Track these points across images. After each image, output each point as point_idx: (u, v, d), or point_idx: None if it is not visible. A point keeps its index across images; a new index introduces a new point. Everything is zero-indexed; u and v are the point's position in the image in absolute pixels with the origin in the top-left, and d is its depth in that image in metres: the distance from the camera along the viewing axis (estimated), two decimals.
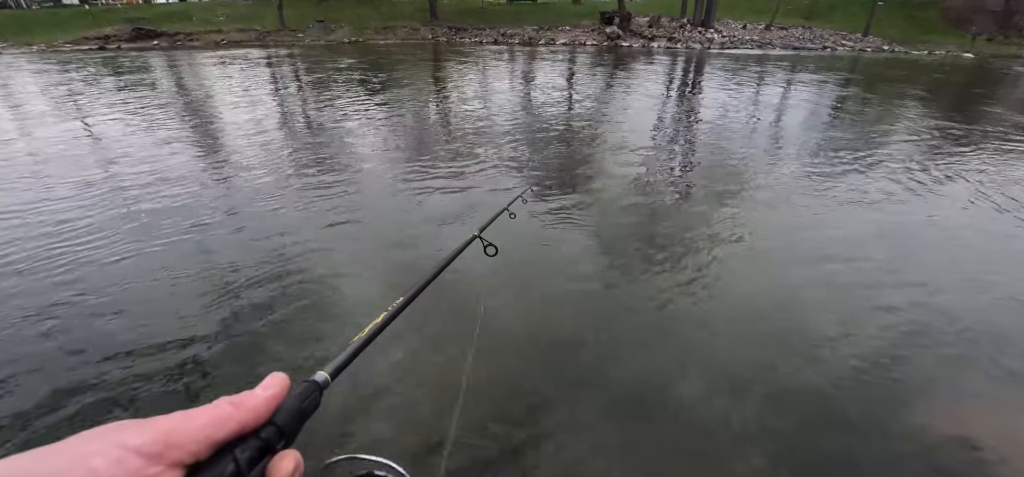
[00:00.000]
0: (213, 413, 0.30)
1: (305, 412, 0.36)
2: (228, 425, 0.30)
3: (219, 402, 0.31)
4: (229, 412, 0.30)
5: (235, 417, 0.30)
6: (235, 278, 3.10)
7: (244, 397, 0.32)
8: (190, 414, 0.29)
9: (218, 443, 0.29)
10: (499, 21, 29.88)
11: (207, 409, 0.30)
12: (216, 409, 0.30)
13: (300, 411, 0.35)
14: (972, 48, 24.41)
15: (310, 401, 0.37)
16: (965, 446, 1.99)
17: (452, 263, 0.88)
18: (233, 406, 0.31)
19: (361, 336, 0.50)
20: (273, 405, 0.33)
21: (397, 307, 0.61)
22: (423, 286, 0.70)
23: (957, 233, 3.89)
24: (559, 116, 8.10)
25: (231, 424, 0.30)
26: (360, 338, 0.50)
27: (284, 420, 0.33)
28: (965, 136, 6.99)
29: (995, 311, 2.85)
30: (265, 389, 0.33)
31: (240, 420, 0.30)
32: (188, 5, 34.05)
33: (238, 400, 0.31)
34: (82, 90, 10.32)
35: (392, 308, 0.60)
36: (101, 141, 6.30)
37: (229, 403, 0.31)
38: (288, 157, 5.69)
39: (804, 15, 31.44)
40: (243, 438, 0.31)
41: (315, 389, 0.38)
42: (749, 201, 4.48)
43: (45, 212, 4.05)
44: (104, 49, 21.30)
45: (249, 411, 0.31)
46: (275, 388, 0.33)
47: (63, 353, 2.43)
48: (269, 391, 0.33)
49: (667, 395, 2.23)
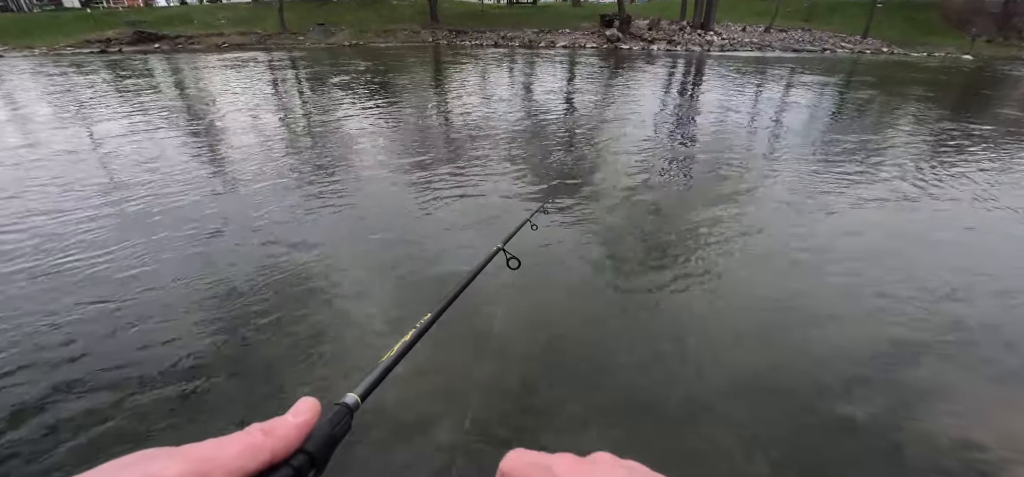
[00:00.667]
0: (245, 442, 0.29)
1: (336, 438, 0.35)
2: (261, 455, 0.29)
3: (251, 430, 0.30)
4: (261, 440, 0.30)
5: (267, 446, 0.30)
6: (240, 288, 3.11)
7: (275, 424, 0.31)
8: (222, 443, 0.28)
9: (249, 473, 0.28)
10: (499, 24, 29.95)
11: (239, 437, 0.29)
12: (248, 437, 0.30)
13: (331, 436, 0.34)
14: (972, 49, 24.46)
15: (341, 426, 0.36)
16: (972, 448, 1.99)
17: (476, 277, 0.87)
18: (264, 434, 0.30)
19: (390, 355, 0.49)
20: (304, 432, 0.32)
21: (425, 324, 0.60)
22: (450, 301, 0.70)
23: (966, 233, 3.91)
24: (564, 119, 8.13)
25: (264, 454, 0.29)
26: (390, 357, 0.49)
27: (315, 447, 0.32)
28: (971, 137, 7.00)
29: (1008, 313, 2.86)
30: (296, 415, 0.32)
31: (272, 449, 0.30)
32: (189, 8, 34.17)
33: (269, 427, 0.31)
34: (83, 93, 10.36)
35: (420, 325, 0.59)
36: (103, 146, 6.32)
37: (260, 431, 0.30)
38: (296, 163, 5.70)
39: (803, 17, 31.52)
40: (275, 467, 0.30)
41: (346, 413, 0.37)
42: (767, 207, 4.45)
43: (55, 219, 4.07)
44: (106, 52, 21.35)
45: (280, 439, 0.31)
46: (306, 414, 0.33)
47: (86, 360, 2.45)
48: (300, 418, 0.32)
49: (677, 399, 2.24)
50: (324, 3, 32.93)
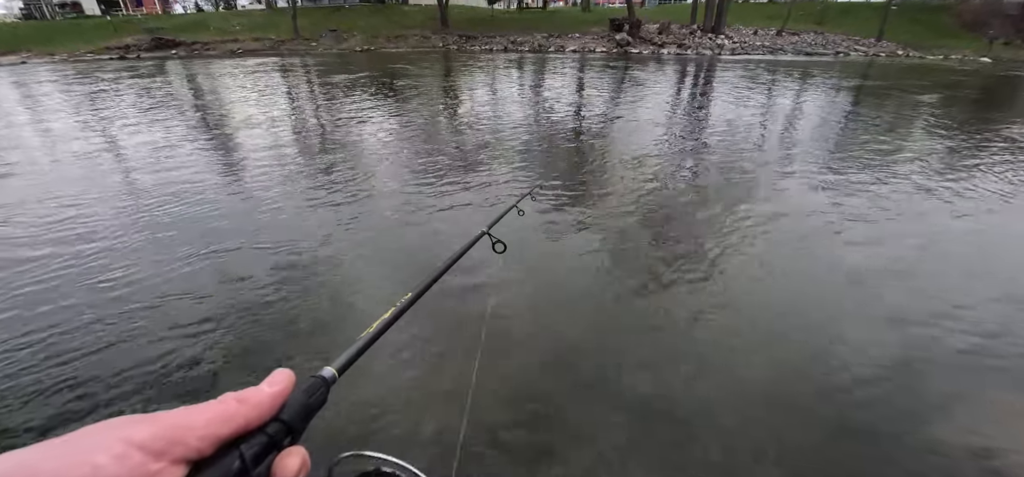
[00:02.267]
0: (218, 409, 0.30)
1: (312, 408, 0.35)
2: (233, 422, 0.30)
3: (225, 397, 0.31)
4: (234, 408, 0.30)
5: (240, 413, 0.30)
6: (250, 283, 3.17)
7: (250, 393, 0.32)
8: (195, 409, 0.29)
9: (223, 439, 0.29)
10: (509, 29, 30.10)
11: (212, 405, 0.30)
12: (221, 405, 0.30)
13: (306, 407, 0.35)
14: (989, 52, 24.02)
15: (317, 397, 0.36)
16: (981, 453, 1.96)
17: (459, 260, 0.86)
18: (238, 402, 0.31)
19: (369, 331, 0.50)
20: (279, 401, 0.33)
21: (405, 303, 0.60)
22: (431, 282, 0.70)
23: (986, 239, 3.84)
24: (574, 121, 8.15)
25: (236, 420, 0.30)
26: (368, 333, 0.50)
27: (290, 416, 0.33)
28: (991, 144, 6.88)
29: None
30: (271, 385, 0.33)
31: (246, 416, 0.30)
32: (205, 15, 34.83)
33: (243, 396, 0.31)
34: (104, 98, 10.61)
35: (400, 304, 0.59)
36: (120, 149, 6.48)
37: (235, 399, 0.31)
38: (309, 163, 5.79)
39: (816, 20, 31.23)
40: (250, 434, 0.30)
41: (322, 385, 0.38)
42: (765, 206, 4.44)
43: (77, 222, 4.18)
44: (124, 58, 21.85)
45: (254, 407, 0.31)
46: (281, 384, 0.33)
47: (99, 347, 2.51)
48: (275, 387, 0.33)
49: (679, 405, 2.23)
50: (336, 9, 33.41)
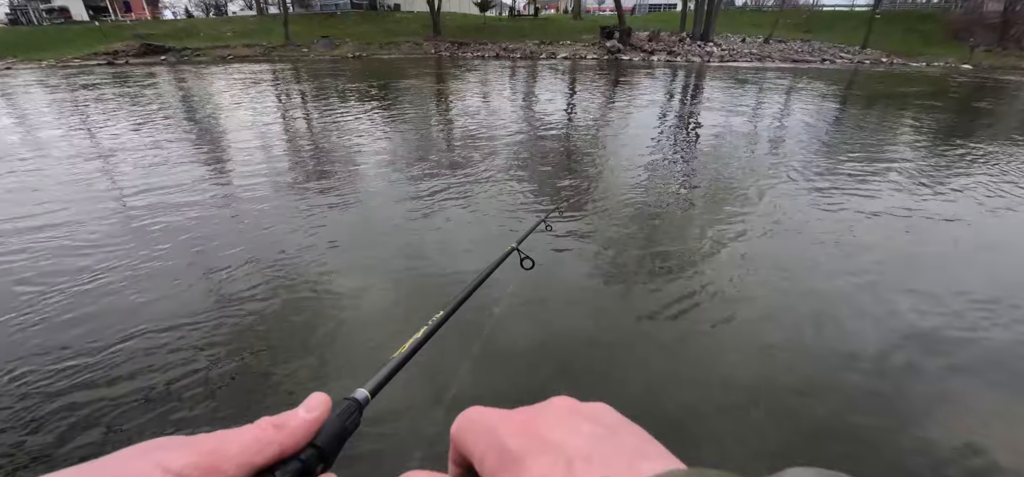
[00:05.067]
0: (255, 434, 0.29)
1: (346, 432, 0.35)
2: (270, 449, 0.29)
3: (261, 423, 0.30)
4: (271, 434, 0.30)
5: (277, 440, 0.30)
6: (250, 295, 3.14)
7: (287, 418, 0.31)
8: (232, 435, 0.29)
9: (258, 467, 0.29)
10: (501, 36, 30.30)
11: (250, 430, 0.30)
12: (259, 430, 0.30)
13: (341, 431, 0.34)
14: (971, 60, 24.56)
15: (351, 421, 0.36)
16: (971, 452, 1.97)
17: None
18: (276, 428, 0.30)
19: (402, 352, 0.49)
20: (315, 427, 0.32)
21: (437, 321, 0.59)
22: (463, 299, 0.69)
23: (969, 239, 3.91)
24: (567, 129, 8.19)
25: (273, 447, 0.29)
26: (401, 353, 0.49)
27: (325, 441, 0.33)
28: (978, 147, 7.01)
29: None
30: (308, 410, 0.33)
31: (281, 443, 0.30)
32: (195, 21, 34.71)
33: (281, 421, 0.31)
34: (89, 105, 10.51)
35: (432, 322, 0.58)
36: (106, 154, 6.40)
37: (272, 425, 0.31)
38: (305, 173, 5.76)
39: (803, 28, 31.78)
40: (284, 460, 0.30)
41: (356, 408, 0.37)
42: (765, 219, 4.43)
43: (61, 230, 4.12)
44: (113, 64, 21.68)
45: (291, 434, 0.31)
46: (318, 409, 0.33)
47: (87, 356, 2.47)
48: (312, 413, 0.33)
49: (677, 407, 2.23)
50: (328, 16, 33.47)
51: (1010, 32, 27.12)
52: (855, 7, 36.23)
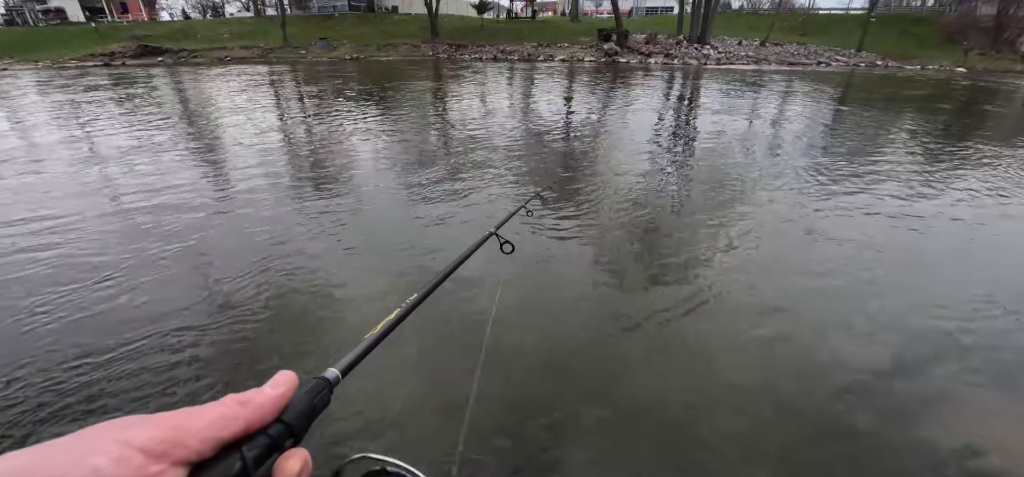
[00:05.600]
0: (220, 411, 0.29)
1: (314, 410, 0.35)
2: (235, 424, 0.29)
3: (226, 399, 0.31)
4: (236, 411, 0.30)
5: (242, 416, 0.30)
6: (239, 297, 3.14)
7: (252, 395, 0.32)
8: (196, 411, 0.29)
9: (224, 441, 0.29)
10: (498, 39, 30.36)
11: (214, 406, 0.30)
12: (223, 407, 0.30)
13: (309, 408, 0.34)
14: (965, 63, 24.76)
15: (320, 399, 0.36)
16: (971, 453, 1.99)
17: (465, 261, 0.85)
18: (240, 404, 0.30)
19: (373, 333, 0.49)
20: (281, 404, 0.32)
21: (411, 304, 0.59)
22: (437, 283, 0.69)
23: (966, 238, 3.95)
24: (563, 128, 8.21)
25: (238, 423, 0.29)
26: (372, 335, 0.49)
27: (293, 417, 0.33)
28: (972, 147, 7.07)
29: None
30: (274, 387, 0.33)
31: (247, 419, 0.30)
32: (192, 23, 34.66)
33: (246, 398, 0.31)
34: (85, 107, 10.48)
35: (406, 305, 0.58)
36: (101, 158, 6.39)
37: (236, 401, 0.31)
38: (301, 170, 5.77)
39: (799, 32, 31.99)
40: (251, 436, 0.30)
41: (325, 386, 0.37)
42: (756, 213, 4.47)
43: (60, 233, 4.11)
44: (110, 65, 21.62)
45: (256, 409, 0.31)
46: (284, 386, 0.33)
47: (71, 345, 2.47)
48: (278, 389, 0.33)
49: (672, 409, 2.25)
50: (326, 18, 33.47)
51: (1003, 35, 27.37)
52: (850, 10, 36.52)
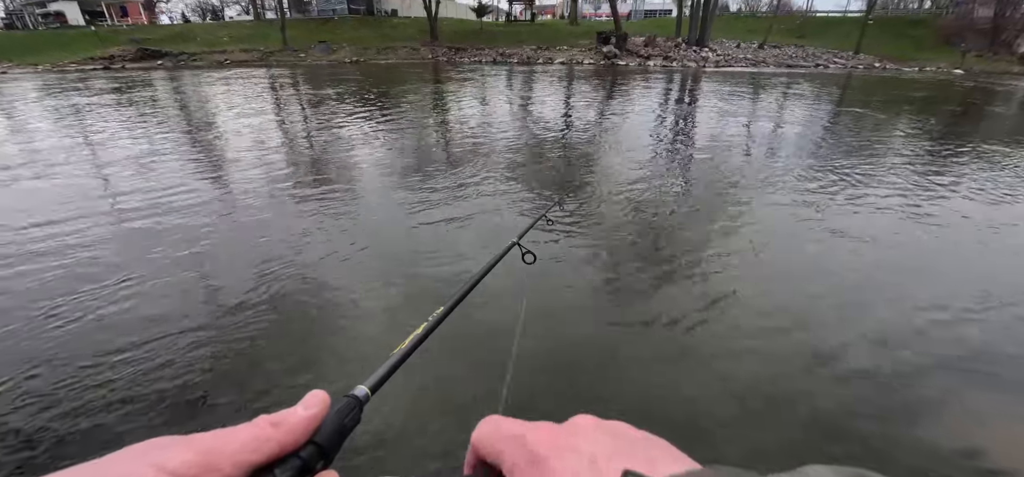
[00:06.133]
0: (253, 433, 0.29)
1: (345, 429, 0.35)
2: (267, 446, 0.29)
3: (259, 421, 0.30)
4: (269, 432, 0.30)
5: (275, 438, 0.30)
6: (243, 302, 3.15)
7: (284, 416, 0.31)
8: (229, 434, 0.29)
9: (256, 465, 0.29)
10: (497, 42, 30.45)
11: (246, 428, 0.29)
12: (256, 429, 0.30)
13: (340, 428, 0.34)
14: (963, 64, 24.86)
15: (351, 418, 0.36)
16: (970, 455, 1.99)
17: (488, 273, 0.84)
18: (273, 426, 0.30)
19: (401, 348, 0.49)
20: (314, 425, 0.32)
21: (438, 317, 0.59)
22: (463, 295, 0.68)
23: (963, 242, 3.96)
24: (568, 132, 8.23)
25: (271, 445, 0.29)
26: (401, 349, 0.49)
27: (324, 438, 0.33)
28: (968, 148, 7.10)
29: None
30: (306, 408, 0.33)
31: (280, 441, 0.30)
32: (192, 26, 34.73)
33: (278, 420, 0.31)
34: (85, 110, 10.49)
35: (432, 318, 0.58)
36: (97, 162, 6.40)
37: (269, 422, 0.30)
38: (306, 173, 5.78)
39: (796, 35, 32.12)
40: (283, 458, 0.30)
41: (356, 405, 0.37)
42: (764, 217, 4.47)
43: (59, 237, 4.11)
44: (109, 69, 21.65)
45: (289, 431, 0.31)
46: (316, 407, 0.33)
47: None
48: (310, 411, 0.33)
49: (671, 408, 2.26)
50: (325, 21, 33.54)
51: (1001, 37, 27.51)
52: (848, 13, 36.66)
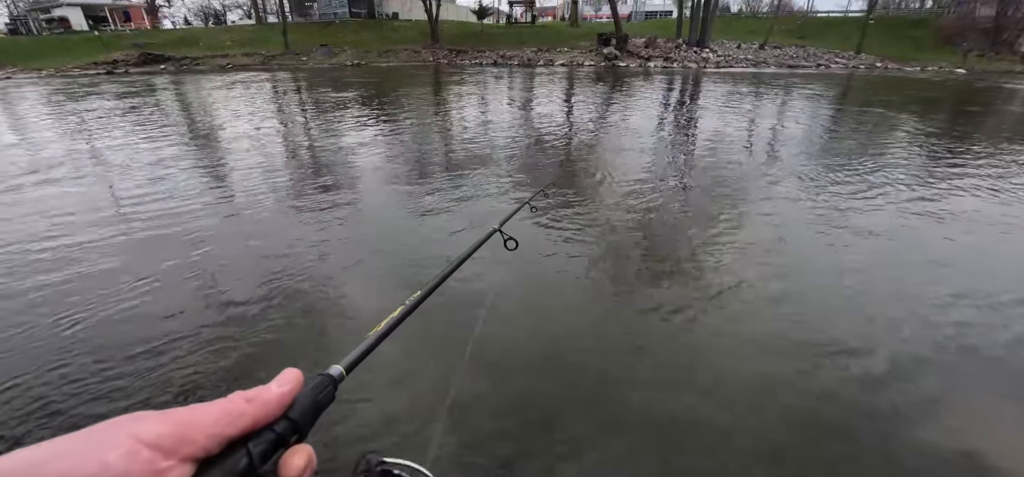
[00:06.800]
0: (227, 408, 0.30)
1: (319, 406, 0.36)
2: (241, 421, 0.30)
3: (233, 397, 0.31)
4: (243, 407, 0.31)
5: (248, 412, 0.31)
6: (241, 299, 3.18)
7: (258, 392, 0.32)
8: (204, 408, 0.29)
9: (231, 438, 0.29)
10: (498, 43, 30.50)
11: (221, 403, 0.30)
12: (230, 404, 0.30)
13: (314, 405, 0.35)
14: (964, 64, 24.81)
15: (325, 395, 0.37)
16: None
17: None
18: (247, 401, 0.31)
19: (377, 330, 0.50)
20: (287, 401, 0.33)
21: (415, 301, 0.59)
22: (441, 280, 0.69)
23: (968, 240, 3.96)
24: (567, 132, 8.25)
25: (245, 419, 0.30)
26: (376, 331, 0.50)
27: (298, 414, 0.33)
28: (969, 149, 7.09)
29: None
30: (280, 385, 0.34)
31: (253, 415, 0.31)
32: (194, 30, 34.89)
33: (252, 395, 0.32)
34: (88, 116, 10.55)
35: (409, 302, 0.58)
36: (106, 165, 6.44)
37: (243, 398, 0.31)
38: (308, 173, 5.81)
39: (797, 35, 32.08)
40: (257, 432, 0.31)
41: (330, 383, 0.38)
42: (755, 213, 4.50)
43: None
44: (112, 73, 21.76)
45: (262, 406, 0.32)
46: (289, 384, 0.34)
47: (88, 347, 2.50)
48: (284, 387, 0.33)
49: (669, 406, 2.26)
50: (327, 25, 33.65)
51: (1002, 36, 27.42)
52: (849, 13, 36.64)
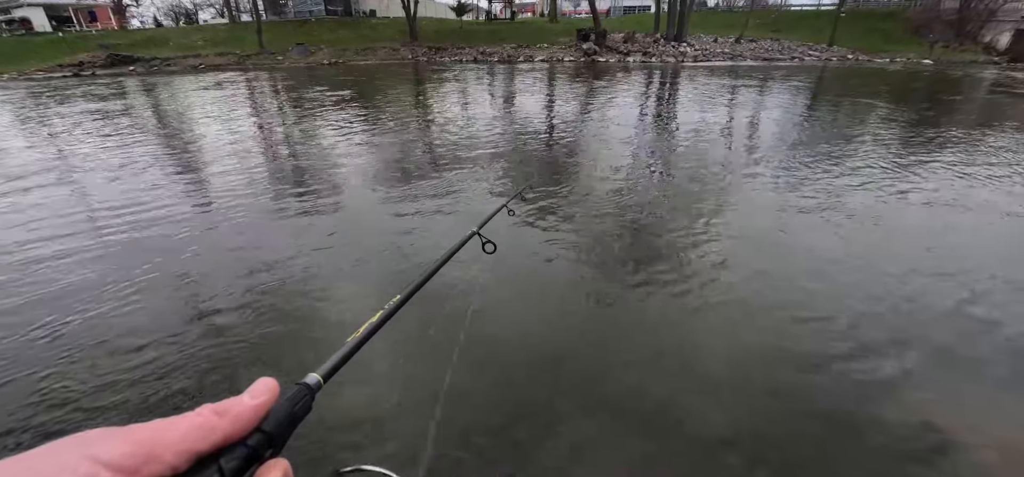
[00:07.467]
0: (195, 422, 0.28)
1: (296, 417, 0.34)
2: (212, 436, 0.28)
3: (202, 410, 0.29)
4: (213, 421, 0.28)
5: (219, 427, 0.28)
6: (220, 301, 3.11)
7: (230, 404, 0.30)
8: (170, 423, 0.27)
9: (200, 454, 0.27)
10: (478, 40, 30.37)
11: (189, 417, 0.28)
12: (199, 418, 0.28)
13: (290, 417, 0.33)
14: (931, 55, 25.62)
15: (301, 406, 0.35)
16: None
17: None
18: (218, 415, 0.29)
19: (356, 336, 0.48)
20: (261, 413, 0.31)
21: (393, 306, 0.58)
22: (420, 284, 0.68)
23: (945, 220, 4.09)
24: (547, 128, 8.27)
25: (215, 434, 0.28)
26: (355, 338, 0.48)
27: (273, 426, 0.31)
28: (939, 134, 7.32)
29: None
30: (253, 396, 0.31)
31: (225, 430, 0.29)
32: (165, 30, 33.88)
33: (223, 408, 0.30)
34: (54, 121, 10.19)
35: (388, 307, 0.57)
36: (74, 170, 6.24)
37: (213, 411, 0.29)
38: (285, 177, 5.71)
39: (771, 28, 32.63)
40: (230, 447, 0.29)
41: (307, 392, 0.36)
42: (732, 204, 4.57)
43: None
44: (79, 76, 21.03)
45: (234, 420, 0.29)
46: (264, 395, 0.32)
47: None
48: (257, 399, 0.31)
49: (647, 396, 2.29)
50: (302, 23, 33.03)
51: (966, 28, 28.37)
52: (821, 6, 37.38)
